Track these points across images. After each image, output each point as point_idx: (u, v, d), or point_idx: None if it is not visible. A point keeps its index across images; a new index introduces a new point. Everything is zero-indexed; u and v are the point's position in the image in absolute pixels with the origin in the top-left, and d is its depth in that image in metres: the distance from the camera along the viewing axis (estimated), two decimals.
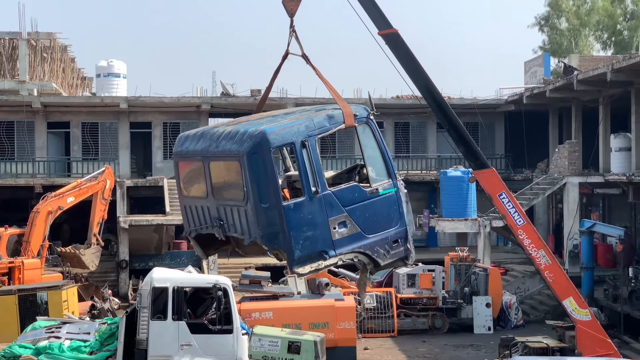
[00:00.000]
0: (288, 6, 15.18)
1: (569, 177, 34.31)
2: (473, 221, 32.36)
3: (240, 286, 23.77)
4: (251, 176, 13.23)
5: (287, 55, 15.25)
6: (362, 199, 13.96)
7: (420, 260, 32.63)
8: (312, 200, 13.44)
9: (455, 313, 29.16)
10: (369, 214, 13.99)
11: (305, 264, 13.57)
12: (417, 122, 42.31)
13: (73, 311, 23.26)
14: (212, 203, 14.31)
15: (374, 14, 18.91)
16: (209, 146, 14.15)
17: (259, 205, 13.27)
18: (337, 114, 14.10)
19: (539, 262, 19.88)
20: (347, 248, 13.80)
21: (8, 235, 30.03)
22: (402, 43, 19.25)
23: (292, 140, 13.53)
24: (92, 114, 40.16)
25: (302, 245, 13.43)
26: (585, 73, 33.40)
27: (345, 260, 14.03)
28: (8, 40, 41.29)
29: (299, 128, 13.63)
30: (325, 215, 13.53)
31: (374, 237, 14.09)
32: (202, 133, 14.72)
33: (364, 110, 14.54)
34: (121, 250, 36.01)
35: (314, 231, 13.49)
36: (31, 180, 37.69)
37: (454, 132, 20.16)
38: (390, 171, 14.43)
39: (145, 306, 16.94)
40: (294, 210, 13.36)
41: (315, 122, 13.85)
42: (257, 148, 13.22)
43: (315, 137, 13.71)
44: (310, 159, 13.51)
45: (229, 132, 13.92)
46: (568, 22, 53.14)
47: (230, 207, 13.93)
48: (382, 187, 14.24)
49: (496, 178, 20.24)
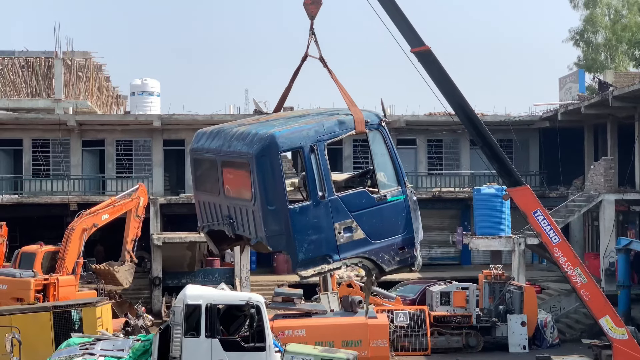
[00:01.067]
0: (309, 9, 15.24)
1: (605, 194, 33.92)
2: (507, 239, 32.10)
3: (273, 304, 23.77)
4: (259, 178, 13.34)
5: (306, 57, 15.35)
6: (369, 205, 13.92)
7: (454, 277, 32.44)
8: (318, 204, 13.50)
9: (489, 331, 28.87)
10: (376, 220, 13.95)
11: (308, 267, 13.58)
12: (450, 139, 42.13)
13: (107, 328, 23.33)
14: (223, 201, 14.45)
15: (406, 32, 18.92)
16: (222, 145, 14.31)
17: (265, 206, 13.39)
18: (348, 120, 14.03)
19: (575, 280, 19.67)
20: (351, 253, 13.80)
21: (43, 253, 30.26)
22: (435, 60, 19.22)
23: (300, 145, 13.56)
24: (126, 132, 40.47)
25: (306, 249, 13.46)
26: (620, 89, 33.10)
27: (350, 264, 14.13)
28: (44, 59, 41.86)
29: (308, 132, 13.66)
30: (331, 220, 13.56)
31: (380, 243, 14.01)
32: (218, 131, 14.85)
33: (375, 117, 14.30)
34: (154, 267, 36.15)
35: (318, 235, 13.52)
36: (66, 197, 38.00)
37: (488, 149, 20.05)
38: (400, 178, 14.29)
39: (178, 323, 16.96)
40: (299, 214, 13.41)
41: (325, 127, 13.85)
42: (266, 151, 13.32)
43: (324, 142, 13.69)
44: (318, 163, 13.53)
45: (241, 133, 14.05)
46: (603, 37, 52.74)
47: (239, 206, 14.08)
48: (391, 194, 14.14)
49: (531, 195, 20.08)
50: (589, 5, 52.56)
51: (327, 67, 15.14)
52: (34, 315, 22.59)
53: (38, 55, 41.88)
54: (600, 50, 53.16)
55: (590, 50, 53.61)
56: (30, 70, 42.20)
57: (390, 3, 18.71)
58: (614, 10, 52.47)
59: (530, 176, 40.64)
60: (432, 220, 39.42)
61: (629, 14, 51.83)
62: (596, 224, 37.51)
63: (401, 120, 39.92)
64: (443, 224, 40.91)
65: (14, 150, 40.29)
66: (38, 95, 41.49)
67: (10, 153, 40.48)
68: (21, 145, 39.80)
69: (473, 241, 32.30)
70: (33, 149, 39.67)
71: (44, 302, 26.18)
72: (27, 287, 27.30)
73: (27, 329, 21.43)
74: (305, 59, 15.38)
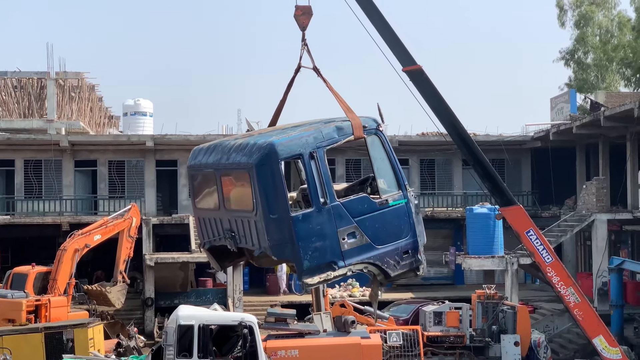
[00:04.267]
0: (299, 20, 15.49)
1: (597, 214, 33.97)
2: (500, 258, 32.11)
3: (266, 324, 23.65)
4: (260, 187, 13.40)
5: (299, 69, 15.57)
6: (371, 210, 14.00)
7: (447, 297, 32.38)
8: (321, 211, 13.55)
9: (483, 351, 28.78)
10: (379, 225, 14.02)
11: (314, 275, 13.59)
12: (442, 159, 42.22)
13: (99, 349, 23.22)
14: (224, 215, 14.49)
15: (397, 51, 19.02)
16: (220, 159, 14.39)
17: (267, 216, 13.41)
18: (346, 126, 14.14)
19: (568, 300, 19.71)
20: (356, 259, 13.83)
21: (35, 273, 30.13)
22: (426, 79, 19.30)
23: (300, 152, 13.66)
24: (119, 152, 40.47)
25: (311, 256, 13.48)
26: (612, 109, 33.24)
27: (355, 270, 14.06)
28: (36, 79, 41.86)
29: (307, 140, 13.75)
30: (334, 226, 13.61)
31: (384, 247, 14.09)
32: (214, 146, 14.94)
33: (373, 122, 14.45)
34: (147, 287, 36.03)
35: (322, 242, 13.56)
36: (58, 218, 37.92)
37: (480, 169, 20.12)
38: (400, 182, 14.40)
39: (171, 344, 16.89)
40: (302, 221, 13.47)
41: (324, 133, 13.95)
42: (266, 159, 13.39)
43: (323, 148, 13.80)
44: (318, 170, 13.62)
45: (239, 145, 14.12)
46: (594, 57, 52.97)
47: (240, 218, 14.08)
48: (392, 198, 14.25)
49: (523, 215, 20.13)
50: (579, 25, 52.85)
51: (322, 76, 15.33)
52: (25, 336, 22.46)
53: (31, 76, 41.86)
54: (591, 71, 53.38)
55: (581, 71, 53.84)
56: (22, 90, 42.18)
57: (381, 22, 18.86)
58: (604, 30, 52.74)
59: (522, 196, 40.71)
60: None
61: (620, 34, 52.12)
62: (588, 244, 37.56)
63: (394, 140, 39.95)
64: (436, 244, 40.85)
65: (6, 171, 40.22)
66: (30, 115, 41.45)
67: (3, 173, 40.41)
68: (13, 165, 39.74)
69: (466, 261, 32.30)
70: (25, 170, 39.61)
71: (36, 323, 26.07)
72: (19, 308, 27.17)
73: (19, 350, 21.34)
74: (299, 70, 15.60)
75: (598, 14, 52.69)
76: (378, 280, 14.36)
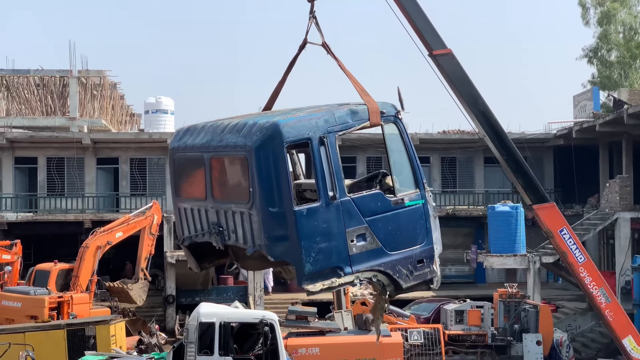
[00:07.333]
0: None
1: (620, 213, 33.72)
2: (522, 257, 31.93)
3: (287, 322, 23.68)
4: (259, 174, 11.35)
5: (304, 45, 13.52)
6: (385, 209, 11.94)
7: (468, 296, 32.26)
8: (329, 206, 11.48)
9: (504, 350, 28.66)
10: (392, 227, 12.00)
11: (316, 281, 11.54)
12: (464, 157, 42.05)
13: (121, 346, 23.30)
14: (212, 206, 12.35)
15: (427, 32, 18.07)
16: (211, 140, 12.27)
17: (266, 208, 11.35)
18: (362, 110, 12.04)
19: (600, 301, 19.32)
20: (365, 265, 11.80)
21: (57, 270, 30.30)
22: (457, 64, 18.36)
23: (309, 136, 11.49)
24: (141, 149, 40.60)
25: (314, 259, 11.42)
26: (635, 107, 32.98)
27: (363, 278, 12.01)
28: (59, 77, 42.14)
29: (317, 122, 11.64)
30: (343, 226, 11.56)
31: (397, 254, 12.04)
32: (203, 126, 12.81)
33: (391, 108, 12.33)
34: (168, 285, 36.14)
35: (328, 243, 11.49)
36: (80, 215, 38.11)
37: (513, 163, 19.31)
38: (418, 180, 12.34)
39: (192, 341, 16.93)
40: (306, 217, 11.38)
41: (336, 116, 11.83)
42: (268, 142, 11.32)
43: (335, 133, 11.70)
44: (328, 158, 11.53)
45: (235, 125, 12.06)
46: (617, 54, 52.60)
47: (232, 210, 11.98)
48: (409, 197, 12.19)
49: (557, 213, 19.48)
50: (602, 22, 52.47)
51: (332, 53, 13.29)
52: (47, 333, 22.59)
53: (53, 74, 42.15)
54: (614, 68, 53.00)
55: (605, 68, 53.47)
56: (45, 88, 42.47)
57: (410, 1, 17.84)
58: (628, 27, 52.34)
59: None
60: (446, 238, 38.80)
61: None
62: (612, 242, 37.29)
63: (415, 138, 39.83)
64: (457, 242, 40.73)
65: (28, 168, 40.46)
66: (53, 113, 41.72)
67: (25, 171, 40.65)
68: (36, 163, 39.98)
69: (487, 259, 32.15)
70: (48, 167, 39.83)
71: (58, 320, 26.21)
72: (42, 304, 27.31)
73: (41, 347, 21.41)
74: (304, 47, 13.61)
75: (621, 11, 52.27)
76: (387, 291, 12.31)
